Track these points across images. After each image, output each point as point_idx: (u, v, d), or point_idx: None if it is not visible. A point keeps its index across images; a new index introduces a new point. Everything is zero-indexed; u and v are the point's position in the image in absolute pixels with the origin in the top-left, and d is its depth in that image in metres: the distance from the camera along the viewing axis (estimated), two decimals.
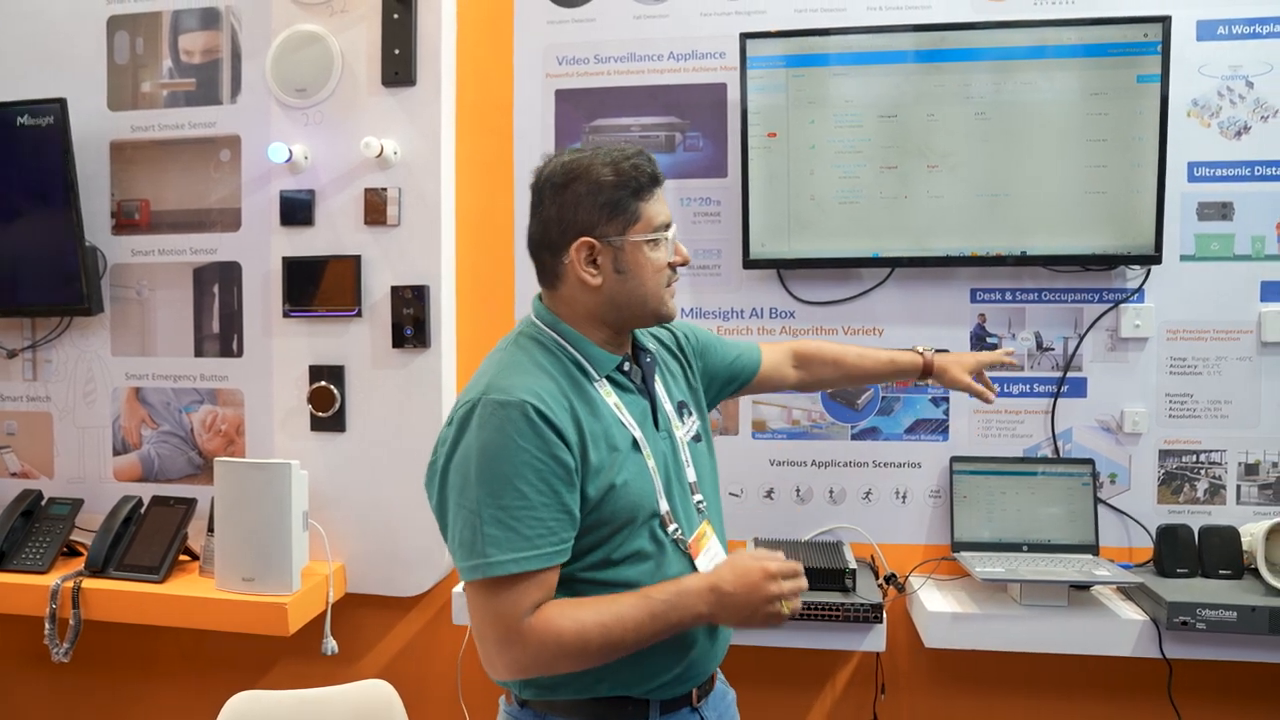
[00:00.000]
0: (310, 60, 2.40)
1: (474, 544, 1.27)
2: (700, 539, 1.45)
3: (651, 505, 1.37)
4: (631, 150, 1.40)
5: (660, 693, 1.41)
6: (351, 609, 2.46)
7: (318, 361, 2.44)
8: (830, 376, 1.91)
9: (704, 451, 1.54)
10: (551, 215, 1.38)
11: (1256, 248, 2.30)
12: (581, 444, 1.32)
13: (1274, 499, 2.30)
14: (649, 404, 1.46)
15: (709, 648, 1.44)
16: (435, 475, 1.35)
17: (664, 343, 1.60)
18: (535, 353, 1.38)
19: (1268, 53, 2.26)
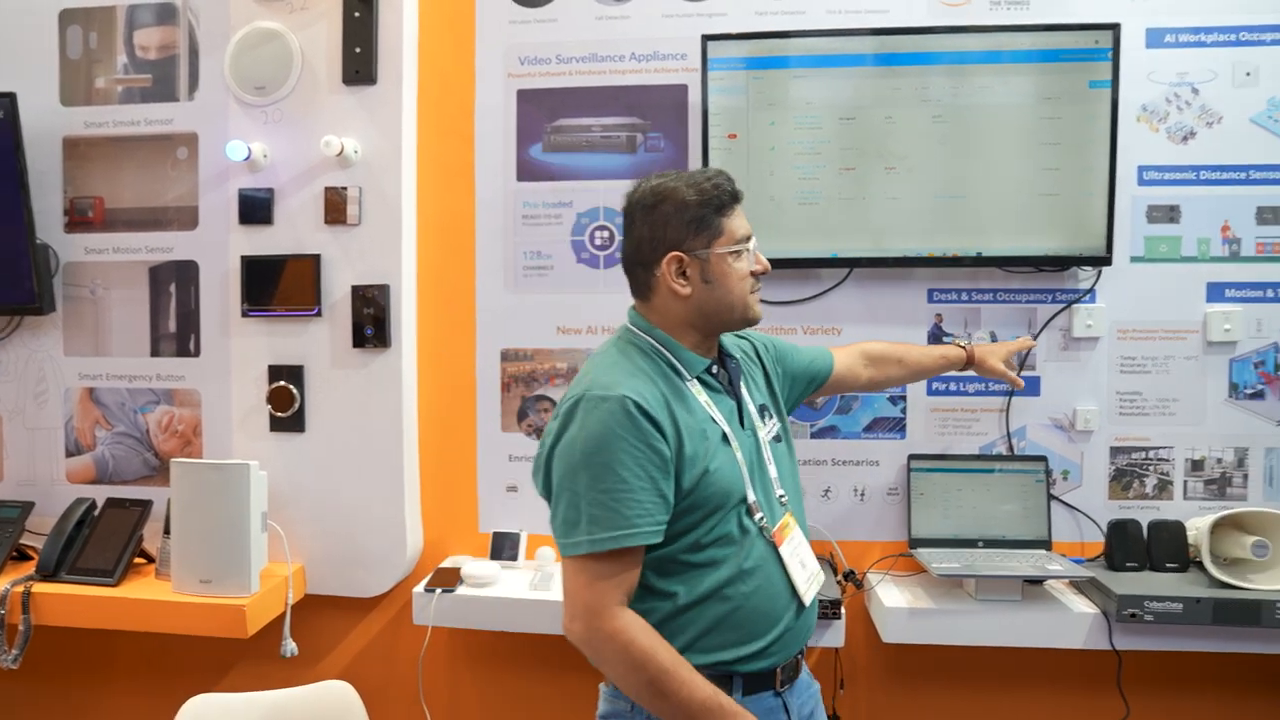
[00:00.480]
0: (269, 57, 2.38)
1: (577, 522, 1.40)
2: (783, 529, 1.55)
3: (740, 492, 1.49)
4: (712, 172, 1.55)
5: (745, 664, 1.48)
6: (311, 610, 2.45)
7: (277, 361, 2.42)
8: (896, 374, 2.05)
9: (784, 451, 1.65)
10: (644, 234, 1.52)
11: (1202, 250, 2.36)
12: (677, 435, 1.44)
13: (1218, 494, 2.37)
14: (735, 404, 1.57)
15: (795, 622, 1.53)
16: (541, 464, 1.49)
17: (745, 351, 1.72)
18: (633, 355, 1.51)
19: (1212, 61, 2.32)
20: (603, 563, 1.39)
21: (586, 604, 1.39)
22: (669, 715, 1.40)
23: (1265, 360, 2.35)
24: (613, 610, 1.39)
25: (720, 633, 1.46)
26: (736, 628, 1.47)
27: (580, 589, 1.40)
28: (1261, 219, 2.34)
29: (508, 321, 2.49)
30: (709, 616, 1.46)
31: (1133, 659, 2.21)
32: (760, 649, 1.48)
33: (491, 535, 2.46)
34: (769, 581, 1.50)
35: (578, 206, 2.46)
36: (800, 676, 1.60)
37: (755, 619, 1.48)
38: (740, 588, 1.47)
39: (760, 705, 1.49)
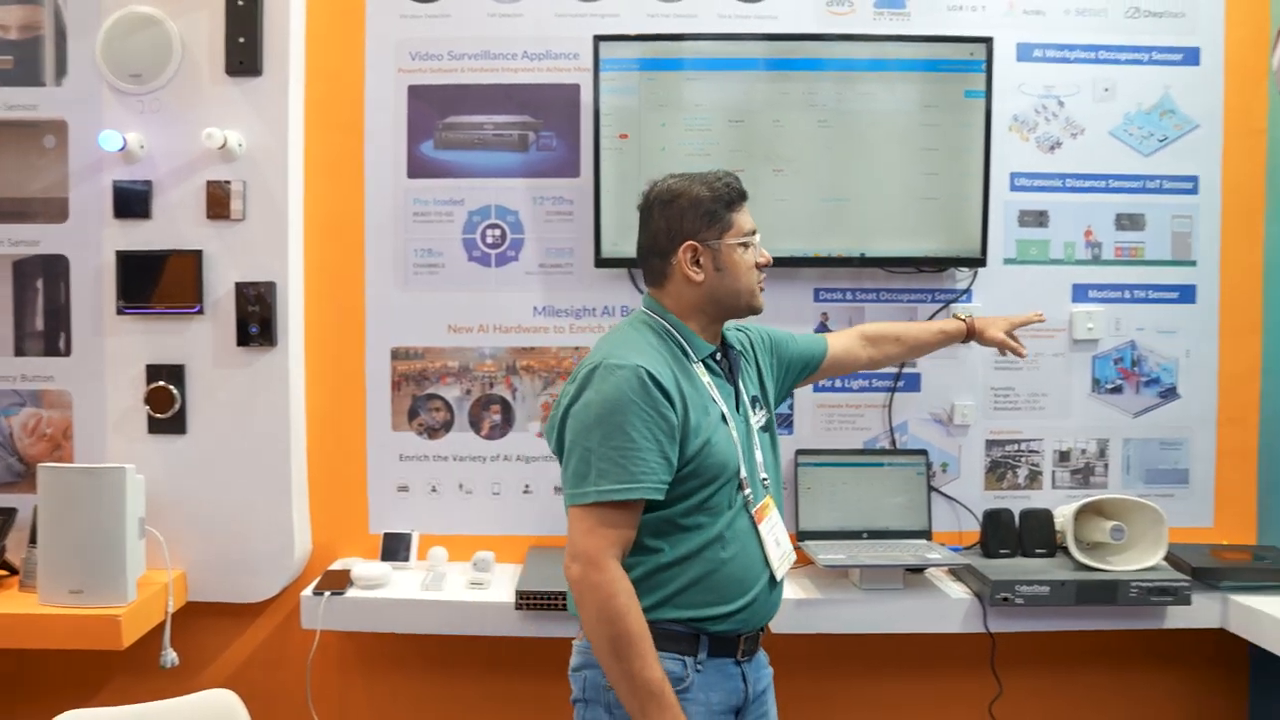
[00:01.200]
0: (146, 44, 2.28)
1: (586, 475, 1.52)
2: (764, 509, 1.68)
3: (735, 466, 1.62)
4: (721, 172, 1.69)
5: (716, 624, 1.59)
6: (194, 618, 2.37)
7: (156, 360, 2.33)
8: (896, 352, 2.15)
9: (769, 441, 1.77)
10: (661, 226, 1.66)
11: (1068, 253, 2.50)
12: (684, 406, 1.57)
13: (1083, 483, 2.52)
14: (734, 390, 1.70)
15: (767, 598, 1.66)
16: (556, 422, 1.62)
17: (742, 344, 1.82)
18: (646, 334, 1.65)
19: (1076, 76, 2.46)
20: (606, 512, 1.51)
21: (585, 549, 1.51)
22: (615, 678, 1.50)
23: (1124, 357, 2.51)
24: (606, 561, 1.50)
25: (697, 591, 1.58)
26: (713, 589, 1.59)
27: (582, 535, 1.52)
28: (1120, 225, 2.49)
29: (398, 320, 2.45)
30: (689, 574, 1.58)
31: (1005, 640, 2.32)
32: (731, 611, 1.60)
33: (382, 536, 2.42)
34: (746, 552, 1.62)
35: (469, 204, 2.44)
36: (759, 654, 1.73)
37: (730, 584, 1.60)
38: (720, 553, 1.59)
39: (722, 669, 1.62)
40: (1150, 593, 2.15)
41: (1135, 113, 2.48)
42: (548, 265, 2.45)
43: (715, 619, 1.59)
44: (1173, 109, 2.48)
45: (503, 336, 2.46)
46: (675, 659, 1.57)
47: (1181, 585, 2.15)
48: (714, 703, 1.60)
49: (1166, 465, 2.52)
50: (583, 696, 1.62)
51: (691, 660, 1.58)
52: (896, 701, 2.52)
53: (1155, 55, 2.48)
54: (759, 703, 1.71)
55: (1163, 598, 2.16)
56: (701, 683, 1.59)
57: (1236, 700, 2.54)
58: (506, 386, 2.47)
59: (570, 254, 2.45)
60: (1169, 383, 2.52)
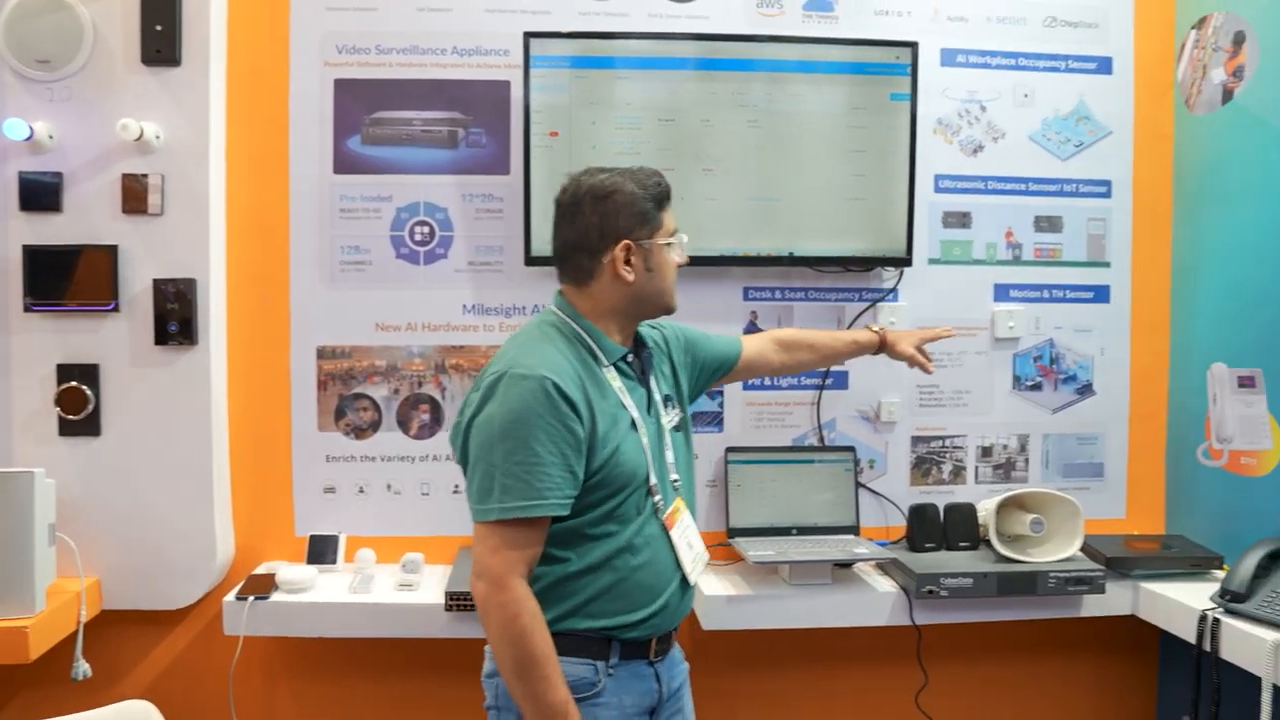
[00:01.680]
0: (54, 29, 2.19)
1: (490, 491, 1.49)
2: (675, 512, 1.67)
3: (644, 472, 1.60)
4: (649, 170, 1.67)
5: (626, 632, 1.58)
6: (109, 627, 2.29)
7: (68, 360, 2.24)
8: (808, 359, 2.16)
9: (682, 440, 1.77)
10: (593, 222, 1.61)
11: (990, 253, 2.57)
12: (591, 417, 1.53)
13: (1004, 477, 2.59)
14: (645, 393, 1.68)
15: (678, 602, 1.66)
16: (460, 433, 1.58)
17: (656, 341, 1.81)
18: (555, 338, 1.60)
19: (996, 82, 2.54)
20: (510, 530, 1.48)
21: (490, 568, 1.48)
22: (519, 698, 1.49)
23: (1043, 355, 2.59)
24: (513, 580, 1.47)
25: (608, 599, 1.57)
26: (623, 596, 1.57)
27: (487, 553, 1.49)
28: (1039, 227, 2.57)
29: (324, 318, 2.40)
30: (598, 584, 1.56)
31: (931, 632, 2.38)
32: (642, 619, 1.59)
33: (309, 539, 2.37)
34: (656, 558, 1.61)
35: (397, 201, 2.40)
36: (673, 652, 1.72)
37: (640, 591, 1.59)
38: (630, 560, 1.58)
39: (635, 671, 1.61)
40: (1068, 583, 2.23)
41: (1053, 118, 2.56)
42: (477, 263, 2.43)
43: (626, 626, 1.58)
44: (1088, 115, 2.57)
45: (431, 335, 2.43)
46: (587, 664, 1.56)
47: (1096, 575, 2.23)
48: (627, 705, 1.60)
49: (1083, 459, 2.61)
50: (495, 704, 1.61)
51: (603, 665, 1.57)
52: (826, 694, 2.56)
53: (1071, 64, 2.57)
54: (674, 700, 1.71)
55: (1079, 587, 2.23)
56: (614, 686, 1.58)
57: (1147, 681, 2.64)
58: (435, 385, 2.44)
59: (500, 252, 2.43)
60: (1085, 380, 2.60)
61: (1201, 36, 2.49)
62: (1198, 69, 2.50)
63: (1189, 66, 2.54)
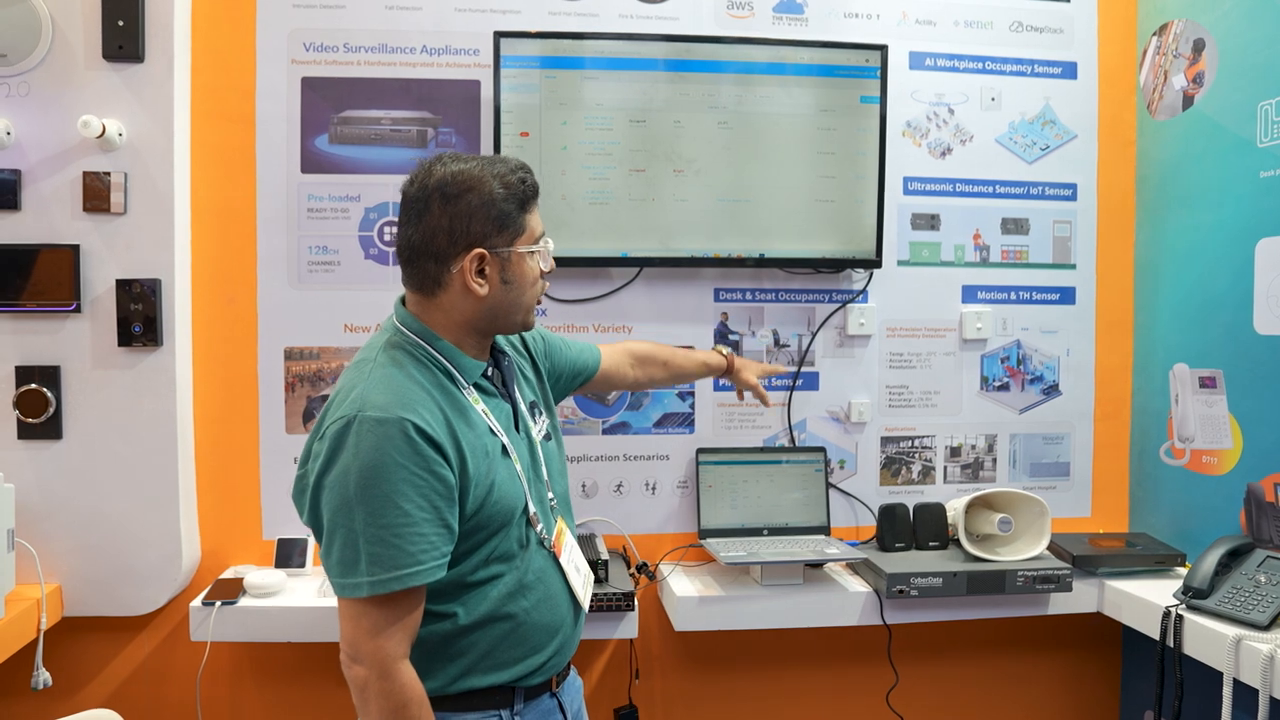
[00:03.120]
0: (10, 22, 2.14)
1: (355, 562, 1.28)
2: (560, 536, 1.54)
3: (522, 502, 1.45)
4: (515, 163, 1.43)
5: (529, 679, 1.46)
6: (71, 635, 2.24)
7: (26, 362, 2.19)
8: (660, 376, 2.06)
9: (554, 450, 1.61)
10: (441, 225, 1.38)
11: (958, 255, 2.59)
12: (460, 457, 1.35)
13: (973, 477, 2.61)
14: (510, 407, 1.50)
15: (572, 634, 1.54)
16: (307, 491, 1.35)
17: (514, 345, 1.64)
18: (407, 365, 1.38)
19: (964, 85, 2.56)
20: (385, 605, 1.30)
21: (371, 654, 1.30)
22: None
23: (1010, 356, 2.62)
24: (399, 666, 1.31)
25: (503, 650, 1.43)
26: (520, 643, 1.44)
27: (363, 636, 1.30)
28: (1006, 229, 2.60)
29: (292, 319, 2.37)
30: (491, 636, 1.42)
31: (901, 631, 2.40)
32: (542, 663, 1.48)
33: (276, 542, 2.34)
34: (549, 593, 1.48)
35: (366, 201, 2.38)
36: (569, 676, 1.61)
37: (538, 632, 1.46)
38: (522, 603, 1.44)
39: (539, 708, 1.50)
40: (1035, 581, 2.25)
41: (1019, 122, 2.59)
42: None
43: (527, 675, 1.46)
44: (1053, 119, 2.60)
45: None
46: (492, 716, 1.43)
47: (1063, 573, 2.26)
48: None
49: (1049, 459, 2.65)
50: None
51: (508, 713, 1.45)
52: (798, 694, 2.57)
53: (1037, 68, 2.60)
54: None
55: (1046, 585, 2.26)
56: None
57: (1111, 676, 2.68)
58: None
59: None
60: (1051, 380, 2.64)
61: (1163, 43, 2.53)
62: (1159, 75, 2.54)
63: (1151, 72, 2.58)
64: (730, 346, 2.48)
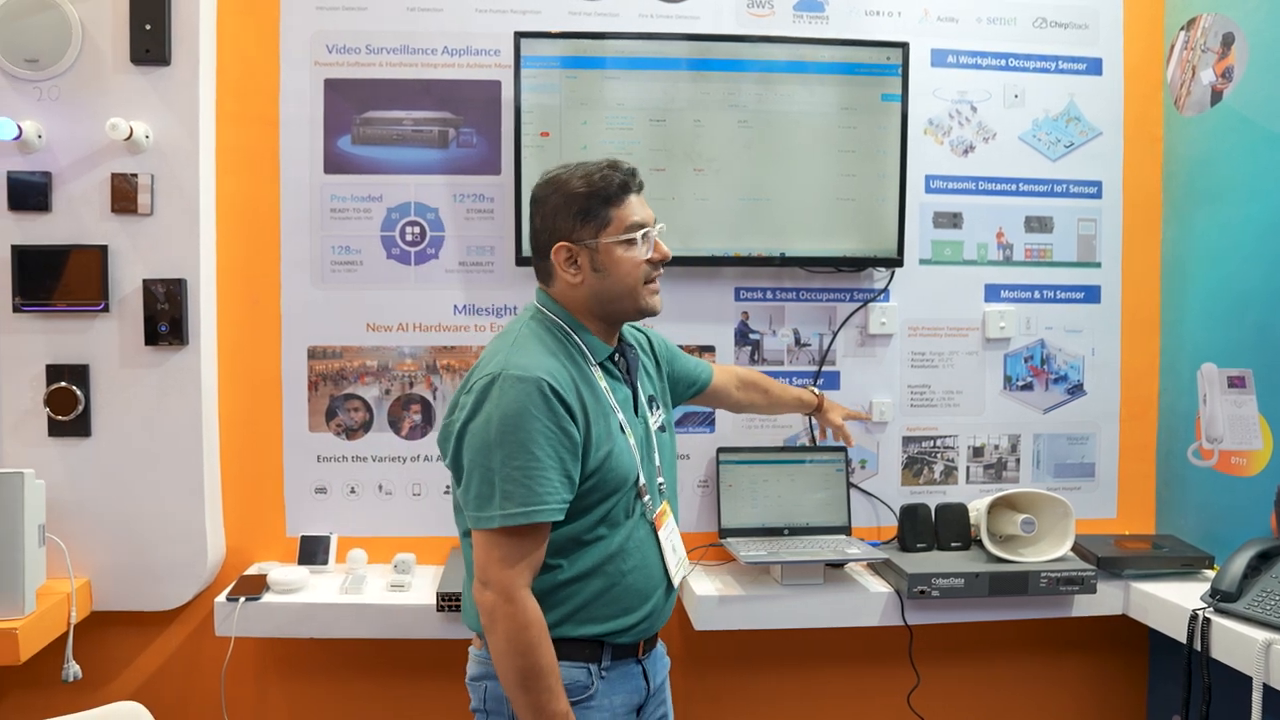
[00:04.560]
0: (42, 28, 2.18)
1: (491, 497, 1.46)
2: (662, 515, 1.67)
3: (635, 474, 1.59)
4: (605, 162, 1.58)
5: (617, 637, 1.59)
6: (99, 629, 2.28)
7: (57, 360, 2.24)
8: (761, 403, 2.21)
9: (667, 441, 1.75)
10: (536, 225, 1.60)
11: (981, 253, 2.57)
12: (585, 418, 1.52)
13: (996, 477, 2.59)
14: (630, 392, 1.65)
15: (663, 604, 1.66)
16: (451, 437, 1.55)
17: (640, 344, 1.80)
18: (545, 337, 1.57)
19: (987, 82, 2.54)
20: (514, 538, 1.46)
21: (499, 580, 1.46)
22: (520, 707, 1.47)
23: (1034, 355, 2.59)
24: (522, 593, 1.46)
25: (598, 606, 1.56)
26: (613, 602, 1.57)
27: (494, 564, 1.47)
28: (1029, 227, 2.57)
29: (315, 318, 2.40)
30: (589, 590, 1.55)
31: (922, 632, 2.37)
32: (631, 625, 1.59)
33: (300, 539, 2.37)
34: (646, 562, 1.61)
35: (388, 201, 2.40)
36: (657, 647, 1.73)
37: (631, 595, 1.59)
38: (621, 565, 1.57)
39: (625, 671, 1.62)
40: (1059, 582, 2.23)
41: (1043, 119, 2.56)
42: (468, 263, 2.42)
43: (617, 632, 1.58)
44: (1078, 116, 2.57)
45: (423, 335, 2.42)
46: (580, 668, 1.56)
47: (1087, 575, 2.23)
48: (617, 705, 1.60)
49: (1074, 459, 2.62)
50: (483, 707, 1.60)
51: (596, 668, 1.58)
52: (818, 695, 2.56)
53: (1062, 64, 2.57)
54: (658, 695, 1.72)
55: (1070, 587, 2.24)
56: (605, 688, 1.59)
57: (1137, 680, 2.65)
58: (427, 386, 2.44)
59: (491, 252, 2.43)
60: (1076, 380, 2.61)
61: (1191, 37, 2.49)
62: (1187, 70, 2.50)
63: (1178, 67, 2.54)
64: (750, 346, 2.48)
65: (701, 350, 2.49)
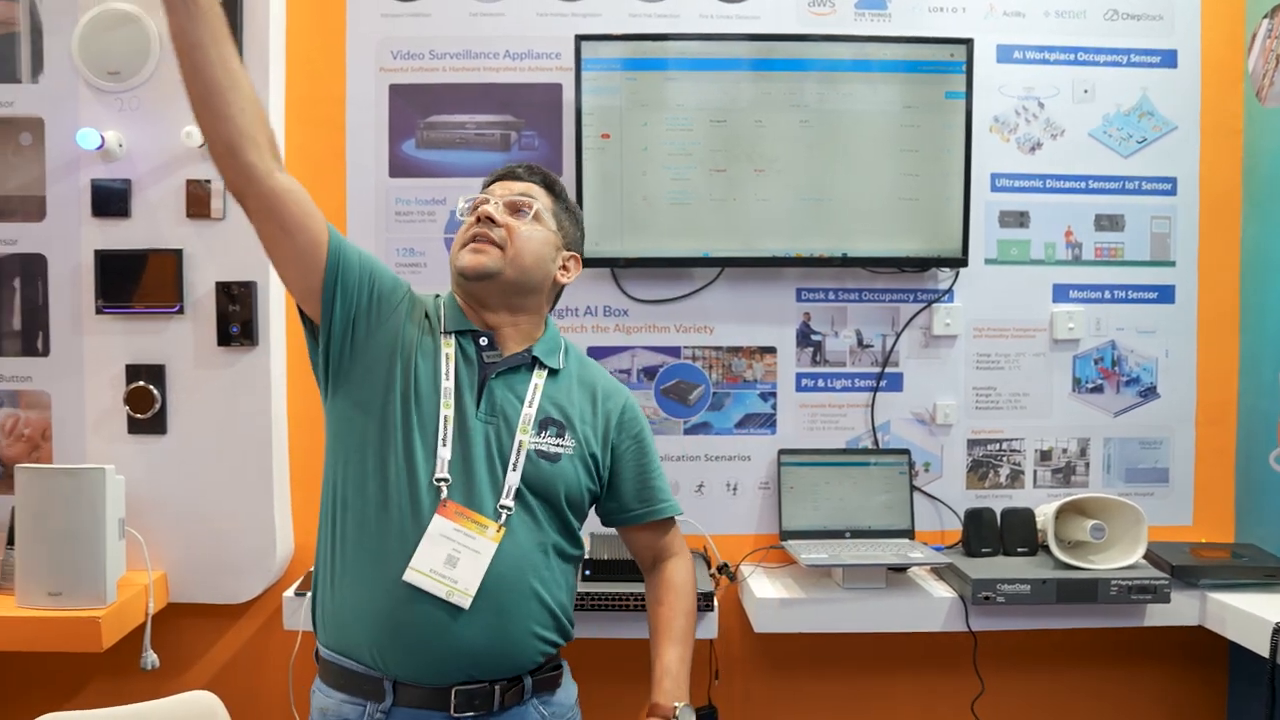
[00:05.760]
0: (124, 41, 2.26)
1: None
2: (458, 513, 1.57)
3: (399, 406, 1.58)
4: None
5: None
6: (174, 620, 2.35)
7: (135, 360, 2.31)
8: (648, 608, 1.75)
9: (546, 468, 1.56)
10: None
11: (1049, 253, 2.51)
12: (381, 312, 1.60)
13: (1064, 481, 2.53)
14: (479, 382, 1.56)
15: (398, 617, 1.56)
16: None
17: (587, 383, 1.66)
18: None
19: (1055, 78, 2.48)
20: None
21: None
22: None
23: (1104, 357, 2.53)
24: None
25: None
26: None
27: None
28: (1099, 225, 2.51)
29: None
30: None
31: (987, 639, 2.33)
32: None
33: None
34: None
35: (451, 204, 2.43)
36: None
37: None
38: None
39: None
40: (1131, 591, 2.17)
41: (1114, 114, 2.50)
42: None
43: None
44: (1151, 111, 2.50)
45: None
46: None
47: (1161, 583, 2.17)
48: None
49: (1146, 464, 2.54)
50: None
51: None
52: (880, 700, 2.53)
53: (1134, 57, 2.50)
54: None
55: (1143, 596, 2.17)
56: None
57: (1215, 695, 2.56)
58: None
59: None
60: (1149, 382, 2.53)
61: (1274, 26, 2.40)
62: (1270, 60, 2.41)
63: (1260, 57, 2.45)
64: (812, 348, 2.46)
65: (763, 352, 2.48)
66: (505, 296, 1.59)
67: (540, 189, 1.66)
